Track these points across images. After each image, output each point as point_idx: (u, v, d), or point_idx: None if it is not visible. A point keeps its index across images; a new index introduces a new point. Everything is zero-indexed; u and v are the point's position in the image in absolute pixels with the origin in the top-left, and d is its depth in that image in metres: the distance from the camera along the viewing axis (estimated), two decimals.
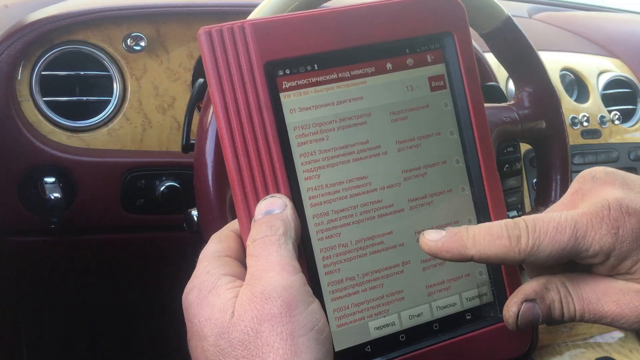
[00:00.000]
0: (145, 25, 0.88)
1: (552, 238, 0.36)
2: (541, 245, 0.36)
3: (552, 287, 0.38)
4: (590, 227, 0.36)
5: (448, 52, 0.43)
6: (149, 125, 0.89)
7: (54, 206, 0.81)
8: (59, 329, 1.03)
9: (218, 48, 0.38)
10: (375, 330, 0.41)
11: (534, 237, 0.36)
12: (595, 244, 0.36)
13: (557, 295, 0.38)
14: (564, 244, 0.36)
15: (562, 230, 0.36)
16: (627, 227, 0.36)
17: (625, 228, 0.36)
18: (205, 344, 0.34)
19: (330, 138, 0.40)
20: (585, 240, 0.36)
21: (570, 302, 0.38)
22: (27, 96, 0.83)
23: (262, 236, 0.36)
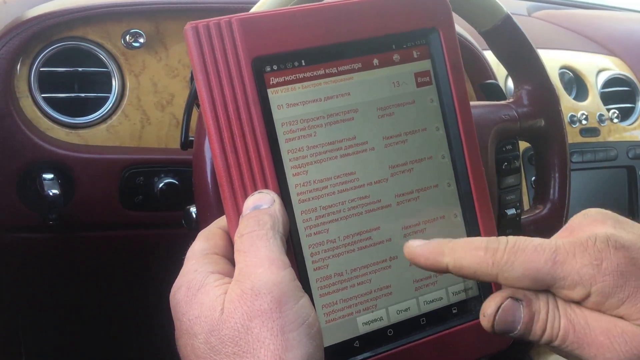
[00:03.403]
0: (144, 22, 0.88)
1: (528, 257, 0.34)
2: (515, 262, 0.34)
3: (542, 297, 0.35)
4: (571, 255, 0.34)
5: (433, 48, 0.43)
6: (148, 122, 0.89)
7: (53, 203, 0.81)
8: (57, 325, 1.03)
9: (205, 44, 0.38)
10: (363, 326, 0.41)
11: (510, 252, 0.34)
12: (574, 274, 0.33)
13: (545, 307, 0.35)
14: (539, 265, 0.34)
15: (540, 252, 0.34)
16: (612, 260, 0.33)
17: (610, 262, 0.33)
18: (196, 342, 0.34)
19: (317, 134, 0.40)
20: (564, 267, 0.34)
21: (556, 317, 0.35)
22: (25, 92, 0.83)
23: (250, 231, 0.36)
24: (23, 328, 1.00)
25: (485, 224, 0.44)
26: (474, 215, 0.43)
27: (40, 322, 1.01)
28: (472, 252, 0.35)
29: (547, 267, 0.34)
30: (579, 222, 0.37)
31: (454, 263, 0.36)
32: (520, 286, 0.35)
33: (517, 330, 0.36)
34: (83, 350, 1.07)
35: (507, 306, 0.36)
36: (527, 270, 0.34)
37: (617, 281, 0.33)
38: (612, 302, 0.33)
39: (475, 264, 0.35)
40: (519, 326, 0.35)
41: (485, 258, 0.35)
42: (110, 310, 1.04)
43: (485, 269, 0.35)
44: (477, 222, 0.43)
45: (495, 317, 0.36)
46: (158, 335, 0.80)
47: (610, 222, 0.36)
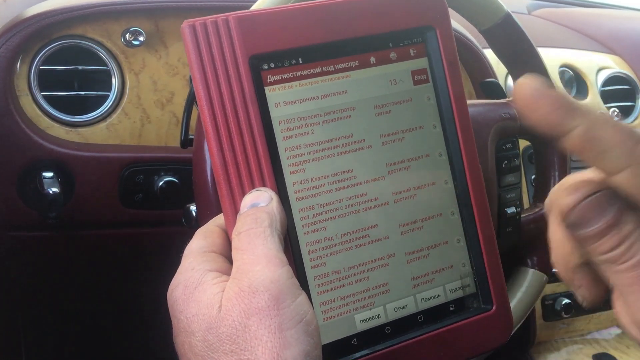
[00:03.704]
0: (144, 20, 0.88)
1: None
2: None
3: (634, 215, 0.29)
4: None
5: (430, 46, 0.43)
6: (148, 120, 0.89)
7: (53, 201, 0.81)
8: (57, 323, 1.03)
9: (202, 42, 0.38)
10: (361, 323, 0.41)
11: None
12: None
13: (636, 224, 0.29)
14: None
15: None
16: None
17: None
18: (193, 340, 0.34)
19: (315, 132, 0.40)
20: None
21: None
22: (25, 91, 0.83)
23: (247, 229, 0.36)
24: (23, 326, 1.00)
25: (483, 222, 0.44)
26: (471, 213, 0.43)
27: (40, 320, 1.01)
28: (613, 128, 0.29)
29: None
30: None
31: (586, 129, 0.29)
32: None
33: (590, 229, 0.30)
34: (83, 348, 1.07)
35: (602, 197, 0.30)
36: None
37: None
38: None
39: (612, 142, 0.28)
40: (597, 225, 0.30)
41: (627, 142, 0.28)
42: (110, 308, 1.04)
43: (619, 154, 0.28)
44: (474, 219, 0.43)
45: (582, 202, 0.30)
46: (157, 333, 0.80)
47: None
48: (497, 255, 0.44)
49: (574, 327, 1.11)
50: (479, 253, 0.44)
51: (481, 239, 0.43)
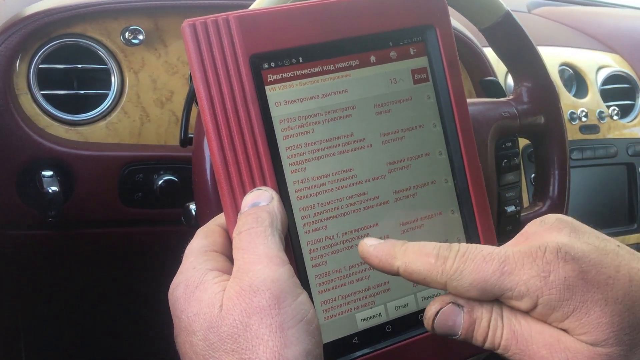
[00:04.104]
0: (144, 19, 0.88)
1: (477, 266, 0.34)
2: (464, 271, 0.34)
3: (486, 305, 0.35)
4: (520, 266, 0.33)
5: (430, 45, 0.43)
6: (147, 119, 0.88)
7: (52, 200, 0.81)
8: (57, 322, 1.03)
9: (203, 41, 0.38)
10: (362, 322, 0.41)
11: (459, 261, 0.34)
12: (522, 285, 0.33)
13: (488, 315, 0.35)
14: (487, 275, 0.34)
15: (489, 261, 0.34)
16: (559, 273, 0.33)
17: (558, 274, 0.33)
18: (195, 339, 0.34)
19: (315, 131, 0.40)
20: (512, 278, 0.33)
21: (499, 327, 0.35)
22: (24, 89, 0.83)
23: (248, 228, 0.36)
24: (23, 325, 1.00)
25: (483, 220, 0.44)
26: (471, 211, 0.43)
27: (39, 319, 1.01)
28: (422, 258, 0.35)
29: (495, 277, 0.34)
30: (535, 229, 0.36)
31: (404, 267, 0.36)
32: (468, 296, 0.35)
33: (458, 335, 0.36)
34: (83, 347, 1.07)
35: (447, 310, 0.36)
36: (475, 280, 0.34)
37: (563, 294, 0.33)
38: (558, 315, 0.33)
39: (425, 271, 0.35)
40: (459, 331, 0.36)
41: (435, 266, 0.35)
42: (109, 307, 1.04)
43: (434, 276, 0.35)
44: (474, 218, 0.43)
45: (435, 320, 0.36)
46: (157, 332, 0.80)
47: (566, 230, 0.35)
48: None
49: None
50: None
51: (481, 237, 0.44)
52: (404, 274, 0.36)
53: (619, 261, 0.34)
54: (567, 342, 0.33)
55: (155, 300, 0.74)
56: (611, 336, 0.32)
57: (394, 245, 0.37)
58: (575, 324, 0.33)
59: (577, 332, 0.33)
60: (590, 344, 0.33)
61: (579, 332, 0.33)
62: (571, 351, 0.33)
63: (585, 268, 0.33)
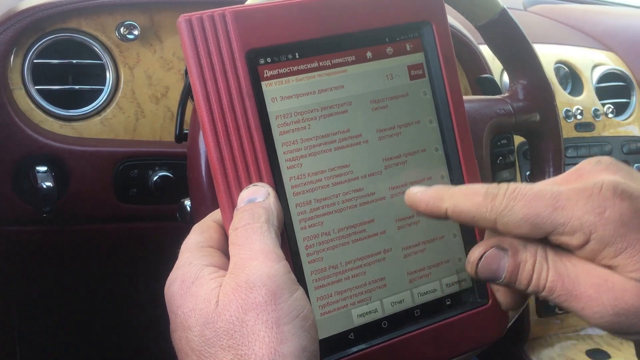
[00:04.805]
0: (139, 14, 0.88)
1: (528, 202, 0.34)
2: (515, 207, 0.34)
3: (531, 248, 0.35)
4: (573, 201, 0.33)
5: (426, 41, 0.43)
6: (142, 115, 0.88)
7: (46, 195, 0.80)
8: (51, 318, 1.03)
9: (199, 36, 0.37)
10: (358, 318, 0.41)
11: (509, 198, 0.34)
12: (575, 220, 0.33)
13: (533, 258, 0.35)
14: (540, 209, 0.34)
15: (541, 197, 0.34)
16: (615, 209, 0.33)
17: (613, 210, 0.33)
18: (190, 335, 0.34)
19: (311, 127, 0.40)
20: (565, 213, 0.33)
21: (544, 269, 0.35)
22: (19, 84, 0.83)
23: (244, 224, 0.36)
24: (17, 321, 1.00)
25: None
26: None
27: (33, 315, 1.01)
28: (471, 198, 0.35)
29: (547, 212, 0.34)
30: (590, 168, 0.36)
31: (453, 208, 0.36)
32: (518, 232, 0.35)
33: (502, 279, 0.36)
34: (77, 343, 1.07)
35: (490, 254, 0.36)
36: (527, 215, 0.34)
37: (618, 230, 0.33)
38: (610, 251, 0.33)
39: (474, 209, 0.35)
40: (503, 274, 0.36)
41: (484, 203, 0.35)
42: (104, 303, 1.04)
43: (483, 214, 0.35)
44: None
45: (478, 264, 0.37)
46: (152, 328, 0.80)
47: (622, 172, 0.35)
48: None
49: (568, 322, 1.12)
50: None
51: (477, 233, 0.44)
52: (452, 215, 0.36)
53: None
54: (615, 280, 0.33)
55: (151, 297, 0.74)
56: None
57: (440, 189, 0.37)
58: (626, 261, 0.33)
59: (627, 269, 0.33)
60: (639, 280, 0.33)
61: (630, 269, 0.33)
62: (619, 289, 0.33)
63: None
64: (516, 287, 0.36)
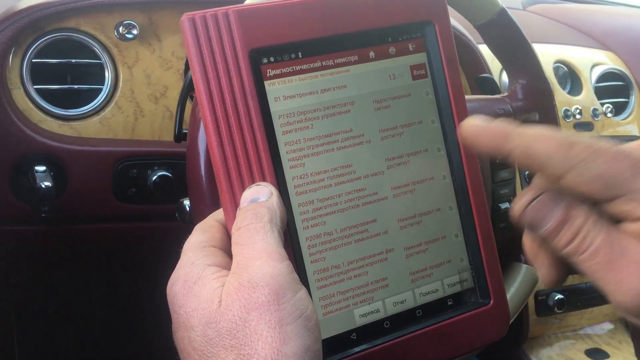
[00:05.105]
0: (138, 14, 0.88)
1: (609, 160, 0.31)
2: (595, 161, 0.31)
3: (586, 207, 0.33)
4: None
5: (429, 41, 0.43)
6: (141, 114, 0.88)
7: (45, 195, 0.80)
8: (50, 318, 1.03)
9: (202, 35, 0.37)
10: (360, 318, 0.41)
11: (589, 151, 0.32)
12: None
13: (584, 216, 0.33)
14: (619, 171, 0.31)
15: (624, 158, 0.31)
16: None
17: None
18: (193, 335, 0.34)
19: (314, 126, 0.40)
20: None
21: (593, 231, 0.32)
22: (17, 84, 0.83)
23: (247, 224, 0.36)
24: (15, 321, 1.00)
25: (480, 216, 0.44)
26: (469, 208, 0.44)
27: (32, 314, 1.01)
28: (545, 141, 0.32)
29: (626, 175, 0.31)
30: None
31: (522, 149, 0.33)
32: (587, 189, 0.32)
33: (545, 228, 0.33)
34: (76, 344, 1.07)
35: (545, 199, 0.34)
36: (605, 172, 0.31)
37: None
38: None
39: (547, 153, 0.32)
40: (549, 224, 0.33)
41: (560, 149, 0.32)
42: (103, 303, 1.04)
43: (557, 160, 0.32)
44: (472, 214, 0.44)
45: (529, 206, 0.34)
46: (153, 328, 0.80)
47: None
48: (494, 250, 0.44)
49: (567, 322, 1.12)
50: (477, 248, 0.44)
51: (479, 233, 0.44)
52: (520, 157, 0.33)
53: None
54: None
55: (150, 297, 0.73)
56: None
57: (506, 125, 0.34)
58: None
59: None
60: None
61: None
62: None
63: None
64: (552, 243, 0.34)
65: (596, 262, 0.32)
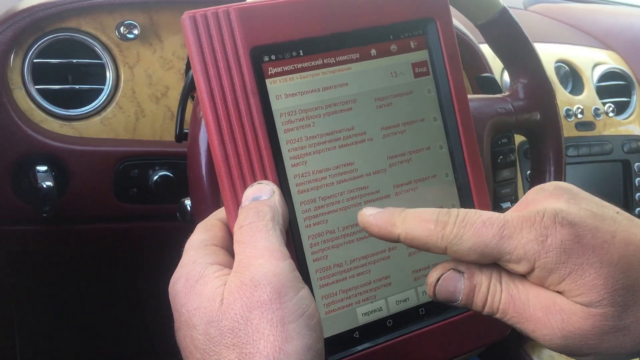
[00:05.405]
0: (139, 14, 0.88)
1: (477, 231, 0.34)
2: (464, 235, 0.35)
3: (486, 271, 0.36)
4: (518, 230, 0.34)
5: (431, 38, 0.43)
6: (142, 115, 0.88)
7: (46, 195, 0.80)
8: (52, 318, 1.03)
9: (203, 33, 0.37)
10: (363, 316, 0.41)
11: (459, 226, 0.35)
12: (520, 248, 0.34)
13: (487, 280, 0.36)
14: (487, 239, 0.34)
15: (489, 226, 0.34)
16: (556, 237, 0.34)
17: (555, 238, 0.34)
18: (195, 333, 0.34)
19: (316, 124, 0.40)
20: (511, 242, 0.34)
21: (497, 292, 0.36)
22: (19, 84, 0.83)
23: (250, 222, 0.36)
24: (17, 321, 1.00)
25: None
26: (471, 206, 0.44)
27: (34, 315, 1.01)
28: (422, 225, 0.36)
29: (495, 241, 0.34)
30: (534, 196, 0.37)
31: (405, 234, 0.36)
32: (468, 260, 0.36)
33: (458, 301, 0.37)
34: (78, 344, 1.07)
35: (448, 276, 0.37)
36: (475, 244, 0.34)
37: (559, 257, 0.34)
38: (554, 277, 0.34)
39: (425, 237, 0.36)
40: (460, 297, 0.37)
41: (435, 231, 0.35)
42: (104, 303, 1.04)
43: (434, 241, 0.35)
44: None
45: (436, 286, 0.37)
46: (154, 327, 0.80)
47: (565, 197, 0.36)
48: None
49: None
50: None
51: None
52: (405, 241, 0.36)
53: (616, 227, 0.35)
54: (562, 304, 0.34)
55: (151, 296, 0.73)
56: (605, 297, 0.33)
57: (392, 213, 0.37)
58: (570, 286, 0.34)
59: (572, 294, 0.34)
60: (585, 304, 0.34)
61: (575, 293, 0.34)
62: (566, 312, 0.34)
63: (582, 232, 0.34)
64: (473, 309, 0.37)
65: (509, 318, 0.36)
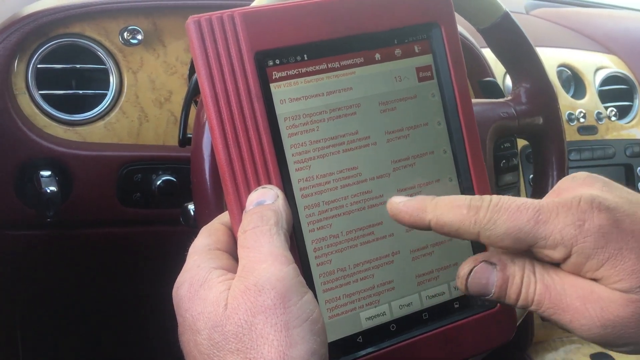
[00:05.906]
0: (142, 19, 0.88)
1: (512, 215, 0.34)
2: (498, 220, 0.34)
3: (519, 262, 0.35)
4: (554, 215, 0.34)
5: (435, 42, 0.43)
6: (146, 119, 0.88)
7: (50, 200, 0.80)
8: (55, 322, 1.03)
9: (207, 38, 0.37)
10: (366, 321, 0.41)
11: (492, 211, 0.34)
12: (556, 233, 0.33)
13: (521, 272, 0.35)
14: (522, 223, 0.34)
15: (523, 210, 0.34)
16: (594, 221, 0.33)
17: (592, 223, 0.33)
18: (199, 338, 0.34)
19: (320, 129, 0.40)
20: (547, 227, 0.33)
21: (532, 283, 0.35)
22: (23, 89, 0.83)
23: (254, 227, 0.36)
24: (20, 325, 1.00)
25: None
26: None
27: (37, 319, 1.01)
28: (454, 210, 0.35)
29: (530, 226, 0.34)
30: (567, 184, 0.37)
31: (436, 220, 0.36)
32: (501, 245, 0.35)
33: (491, 294, 0.36)
34: (81, 348, 1.07)
35: (480, 269, 0.36)
36: (510, 228, 0.34)
37: (598, 242, 0.33)
38: (592, 263, 0.33)
39: (457, 222, 0.35)
40: (492, 289, 0.36)
41: (467, 216, 0.35)
42: (108, 307, 1.04)
43: (467, 227, 0.35)
44: None
45: (468, 279, 0.37)
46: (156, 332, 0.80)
47: (598, 184, 0.36)
48: None
49: None
50: (483, 250, 0.44)
51: None
52: (436, 227, 0.36)
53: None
54: (600, 292, 0.33)
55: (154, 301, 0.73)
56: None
57: (424, 199, 0.37)
58: (609, 272, 0.33)
59: (611, 281, 0.33)
60: (624, 291, 0.33)
61: (614, 280, 0.33)
62: (605, 300, 0.33)
63: (620, 217, 0.33)
64: (506, 302, 0.36)
65: (545, 309, 0.35)
